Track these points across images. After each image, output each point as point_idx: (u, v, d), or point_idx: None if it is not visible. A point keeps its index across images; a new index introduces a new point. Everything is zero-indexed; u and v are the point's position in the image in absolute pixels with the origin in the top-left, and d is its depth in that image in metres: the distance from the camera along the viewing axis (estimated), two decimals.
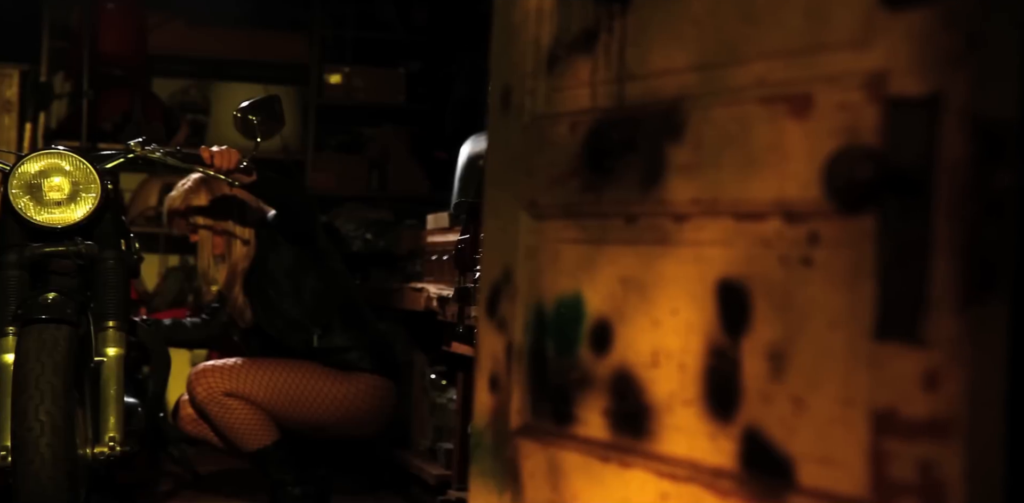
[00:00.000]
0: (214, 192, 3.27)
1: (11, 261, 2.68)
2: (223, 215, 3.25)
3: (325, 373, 3.24)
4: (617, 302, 1.26)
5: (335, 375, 3.25)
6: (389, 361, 3.40)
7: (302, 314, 3.25)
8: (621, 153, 1.25)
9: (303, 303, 3.24)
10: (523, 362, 1.40)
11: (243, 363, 3.20)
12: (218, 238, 3.27)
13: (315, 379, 3.23)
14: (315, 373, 3.23)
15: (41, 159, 2.74)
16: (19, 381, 2.37)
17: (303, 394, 3.22)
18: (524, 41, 1.40)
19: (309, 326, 3.25)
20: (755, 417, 1.06)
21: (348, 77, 5.34)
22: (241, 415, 3.20)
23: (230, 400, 3.19)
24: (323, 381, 3.23)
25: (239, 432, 3.20)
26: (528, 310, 1.39)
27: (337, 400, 3.26)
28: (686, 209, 1.16)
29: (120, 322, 2.70)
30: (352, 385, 3.26)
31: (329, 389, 3.25)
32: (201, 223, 3.24)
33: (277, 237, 3.24)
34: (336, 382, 3.24)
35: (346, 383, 3.25)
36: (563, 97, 1.35)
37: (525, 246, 1.40)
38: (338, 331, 3.28)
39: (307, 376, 3.23)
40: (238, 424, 3.20)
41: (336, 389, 3.25)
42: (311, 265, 3.27)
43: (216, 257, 3.27)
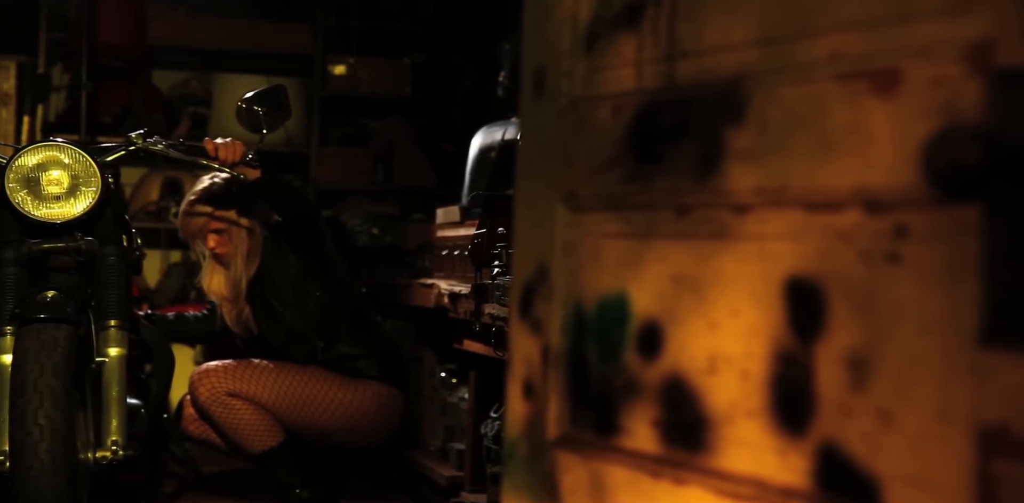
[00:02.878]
0: (223, 200, 3.20)
1: (8, 258, 2.59)
2: (232, 221, 3.19)
3: (331, 378, 3.16)
4: (668, 302, 1.15)
5: (342, 381, 3.16)
6: (397, 369, 3.32)
7: (306, 326, 3.16)
8: (672, 138, 1.14)
9: (307, 314, 3.15)
10: (561, 367, 1.29)
11: (247, 364, 3.11)
12: (224, 244, 3.21)
13: (321, 384, 3.15)
14: (321, 378, 3.15)
15: (39, 152, 2.64)
16: (17, 383, 2.28)
17: (308, 398, 3.13)
18: (559, 18, 1.29)
19: (313, 338, 3.17)
20: (832, 431, 0.95)
21: (353, 68, 5.24)
22: (245, 416, 3.10)
23: (234, 400, 3.10)
24: (329, 386, 3.15)
25: (244, 433, 3.11)
26: (566, 310, 1.28)
27: (343, 406, 3.17)
28: (748, 199, 1.05)
29: (122, 321, 2.61)
30: (359, 392, 3.18)
31: (335, 395, 3.16)
32: (214, 228, 3.18)
33: (283, 246, 3.15)
34: (342, 388, 3.16)
35: (353, 390, 3.16)
36: (604, 78, 1.24)
37: (562, 241, 1.29)
38: (344, 340, 3.21)
39: (313, 380, 3.14)
40: (243, 425, 3.11)
41: (342, 395, 3.17)
42: (316, 275, 3.19)
43: (220, 264, 3.20)
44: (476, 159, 3.68)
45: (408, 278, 4.18)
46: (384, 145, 5.30)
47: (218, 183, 3.21)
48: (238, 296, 3.20)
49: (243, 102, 3.01)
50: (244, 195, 3.03)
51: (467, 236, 3.54)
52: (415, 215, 5.08)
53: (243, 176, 2.96)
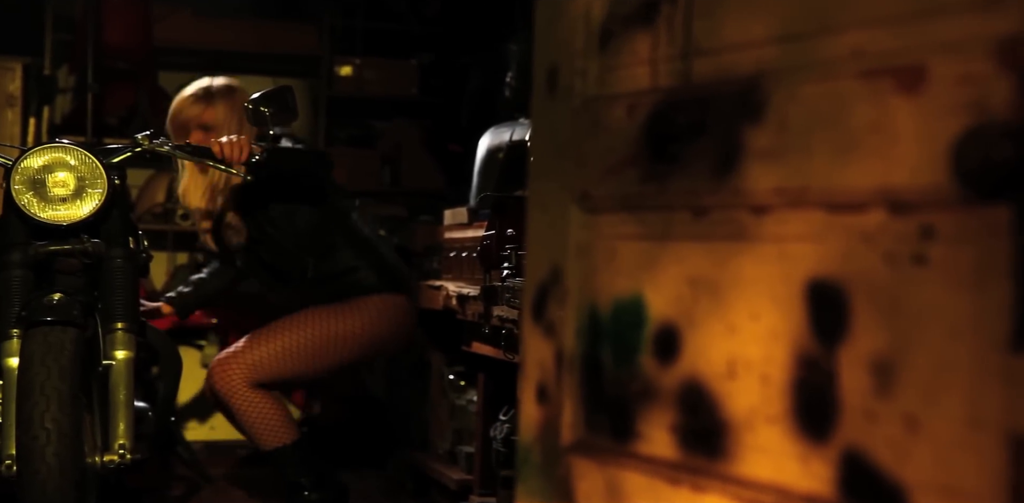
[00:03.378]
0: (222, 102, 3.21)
1: (14, 260, 2.57)
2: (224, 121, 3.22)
3: (333, 315, 3.17)
4: (685, 305, 1.12)
5: (344, 312, 3.18)
6: (397, 276, 3.34)
7: (296, 244, 3.20)
8: (688, 138, 1.12)
9: (297, 232, 3.18)
10: (575, 371, 1.26)
11: (256, 341, 3.11)
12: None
13: (327, 325, 3.16)
14: (325, 320, 3.16)
15: (45, 153, 2.62)
16: (24, 387, 2.26)
17: (324, 345, 3.16)
18: (572, 16, 1.27)
19: (304, 257, 3.20)
20: (856, 438, 0.93)
21: (359, 69, 5.22)
22: (262, 410, 3.11)
23: (253, 394, 3.10)
24: (336, 324, 3.17)
25: (259, 429, 3.10)
26: (580, 313, 1.26)
27: (356, 335, 3.20)
28: (767, 200, 1.03)
29: (129, 323, 2.59)
30: (364, 314, 3.21)
31: (345, 328, 3.18)
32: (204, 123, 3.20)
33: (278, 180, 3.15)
34: (348, 318, 3.19)
35: (357, 314, 3.19)
36: (619, 77, 1.22)
37: (576, 243, 1.27)
38: (341, 251, 3.23)
39: (319, 326, 3.16)
40: (259, 420, 3.11)
41: (351, 325, 3.19)
42: (309, 202, 3.21)
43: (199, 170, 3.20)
44: (484, 160, 3.66)
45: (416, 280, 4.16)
46: (391, 146, 5.29)
47: (222, 85, 3.26)
48: (214, 206, 3.22)
49: (250, 103, 2.99)
50: (245, 104, 3.00)
51: (475, 238, 3.52)
52: (422, 217, 5.06)
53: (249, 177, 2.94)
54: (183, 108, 3.23)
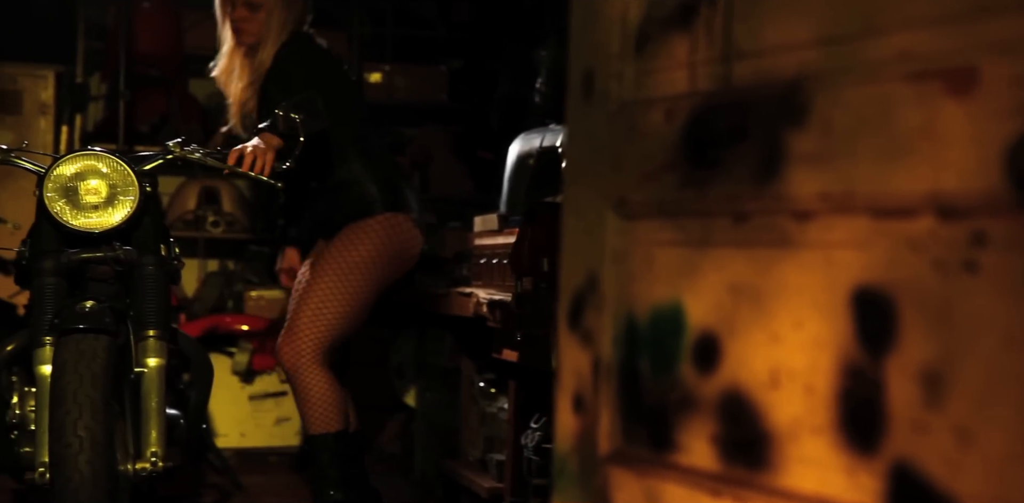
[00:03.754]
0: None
1: (47, 268, 2.57)
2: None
3: (347, 247, 3.21)
4: (725, 313, 1.10)
5: (354, 240, 3.20)
6: (400, 195, 3.36)
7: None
8: (728, 142, 1.09)
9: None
10: (612, 380, 1.24)
11: (305, 309, 3.14)
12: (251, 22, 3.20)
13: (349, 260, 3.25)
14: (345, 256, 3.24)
15: (77, 161, 2.62)
16: (56, 394, 2.26)
17: (357, 281, 3.22)
18: (609, 19, 1.25)
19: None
20: (906, 450, 0.90)
21: (388, 76, 5.22)
22: (323, 392, 3.17)
23: (320, 373, 3.18)
24: (354, 254, 3.25)
25: (314, 409, 3.16)
26: (617, 321, 1.24)
27: (374, 258, 3.22)
28: (811, 205, 1.00)
29: (161, 331, 2.58)
30: (373, 236, 3.28)
31: (363, 256, 3.22)
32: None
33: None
34: (361, 245, 3.22)
35: (367, 238, 3.23)
36: (656, 80, 1.20)
37: (613, 249, 1.25)
38: (351, 163, 3.23)
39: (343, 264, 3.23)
40: (317, 401, 3.16)
41: (367, 250, 3.22)
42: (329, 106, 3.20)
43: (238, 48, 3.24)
44: (514, 166, 3.65)
45: (446, 287, 4.15)
46: (420, 153, 5.28)
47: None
48: (253, 90, 3.23)
49: (280, 109, 2.98)
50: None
51: (506, 244, 3.51)
52: (452, 223, 5.05)
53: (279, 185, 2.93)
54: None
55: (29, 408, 2.54)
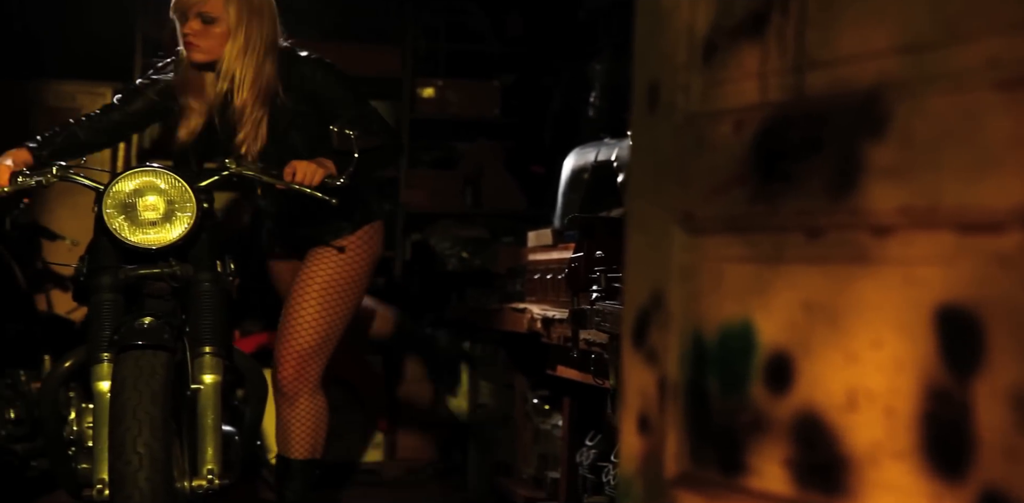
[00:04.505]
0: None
1: (106, 284, 2.58)
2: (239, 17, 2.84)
3: (352, 257, 3.05)
4: (798, 332, 1.06)
5: (357, 247, 3.05)
6: (381, 205, 3.17)
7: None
8: (802, 155, 1.06)
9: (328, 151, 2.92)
10: (679, 400, 1.20)
11: (302, 321, 3.00)
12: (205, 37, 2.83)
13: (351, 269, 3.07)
14: (347, 266, 3.06)
15: (135, 177, 2.63)
16: (116, 411, 2.26)
17: (355, 293, 3.06)
18: (675, 29, 1.22)
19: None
20: (997, 477, 0.85)
21: (441, 90, 5.22)
22: (321, 418, 3.09)
23: (320, 399, 3.08)
24: (357, 264, 3.06)
25: (306, 434, 3.08)
26: (684, 340, 1.20)
27: (369, 268, 3.08)
28: (890, 220, 0.96)
29: (217, 348, 2.58)
30: (372, 243, 3.07)
31: (364, 266, 3.07)
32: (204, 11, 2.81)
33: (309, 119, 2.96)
34: (363, 254, 3.07)
35: (367, 246, 3.07)
36: (724, 92, 1.16)
37: (679, 265, 1.22)
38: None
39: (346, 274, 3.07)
40: (313, 426, 3.09)
41: (367, 259, 3.07)
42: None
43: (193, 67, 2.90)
44: (569, 181, 3.62)
45: (499, 302, 4.12)
46: (473, 168, 5.27)
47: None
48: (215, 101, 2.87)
49: (335, 125, 2.97)
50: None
51: (560, 259, 3.47)
52: (505, 238, 5.03)
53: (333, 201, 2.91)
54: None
55: (87, 425, 2.55)
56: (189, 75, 2.90)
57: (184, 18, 2.83)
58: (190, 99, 2.91)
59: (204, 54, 2.85)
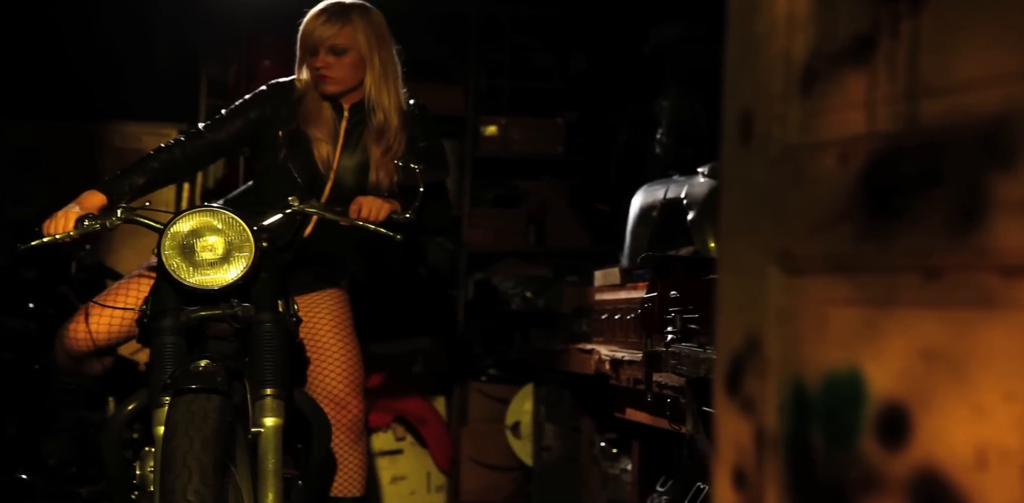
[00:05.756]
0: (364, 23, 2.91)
1: (167, 326, 2.54)
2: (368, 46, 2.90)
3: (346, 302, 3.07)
4: (915, 381, 0.97)
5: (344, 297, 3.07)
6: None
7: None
8: (917, 189, 0.97)
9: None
10: (779, 453, 1.11)
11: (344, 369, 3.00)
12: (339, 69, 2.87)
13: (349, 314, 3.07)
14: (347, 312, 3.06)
15: (193, 217, 2.60)
16: (167, 457, 2.21)
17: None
18: (770, 56, 1.14)
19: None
20: None
21: (504, 128, 5.19)
22: (365, 456, 3.07)
23: (365, 440, 3.06)
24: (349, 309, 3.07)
25: (360, 474, 3.04)
26: (784, 388, 1.12)
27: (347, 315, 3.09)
28: (1021, 260, 0.87)
29: (278, 390, 2.52)
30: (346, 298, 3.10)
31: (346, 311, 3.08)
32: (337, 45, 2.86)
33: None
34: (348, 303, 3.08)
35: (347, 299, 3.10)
36: (826, 122, 1.08)
37: (776, 308, 1.13)
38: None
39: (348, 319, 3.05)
40: (362, 465, 3.06)
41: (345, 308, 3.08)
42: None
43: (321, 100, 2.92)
44: (637, 219, 3.54)
45: (564, 343, 4.04)
46: (536, 206, 5.22)
47: (357, 2, 2.93)
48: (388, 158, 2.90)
49: (400, 160, 2.93)
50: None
51: (629, 299, 3.39)
52: (569, 277, 4.96)
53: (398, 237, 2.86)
54: (315, 28, 2.85)
55: (148, 469, 2.50)
56: (311, 106, 2.92)
57: (315, 52, 2.87)
58: (314, 129, 2.92)
59: (337, 85, 2.90)
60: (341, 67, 2.87)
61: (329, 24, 2.84)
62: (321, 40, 2.84)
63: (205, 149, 2.94)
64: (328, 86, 2.89)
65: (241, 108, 2.96)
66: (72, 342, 2.86)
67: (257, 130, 2.95)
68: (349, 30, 2.85)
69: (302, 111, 2.91)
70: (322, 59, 2.84)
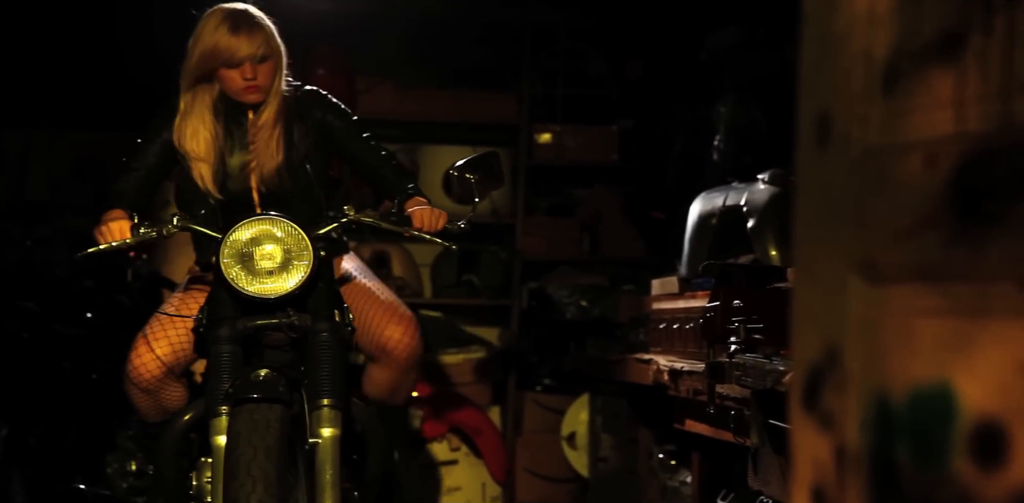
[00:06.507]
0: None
1: (224, 336, 2.53)
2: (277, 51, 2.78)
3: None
4: (1014, 397, 0.91)
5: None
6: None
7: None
8: (1011, 192, 0.92)
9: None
10: (862, 471, 1.06)
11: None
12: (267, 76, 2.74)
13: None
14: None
15: (253, 226, 2.58)
16: (230, 467, 2.19)
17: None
18: (849, 54, 1.09)
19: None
20: None
21: (559, 136, 5.15)
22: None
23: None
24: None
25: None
26: (866, 403, 1.06)
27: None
28: None
29: (335, 400, 2.50)
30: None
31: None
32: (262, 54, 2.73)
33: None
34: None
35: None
36: (911, 122, 1.03)
37: (858, 318, 1.08)
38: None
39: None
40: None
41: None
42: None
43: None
44: (696, 227, 3.48)
45: (621, 353, 3.99)
46: (591, 214, 5.17)
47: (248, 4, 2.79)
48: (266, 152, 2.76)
49: (455, 170, 2.90)
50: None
51: (687, 309, 3.34)
52: (625, 286, 4.90)
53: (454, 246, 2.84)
54: (232, 42, 2.69)
55: (206, 479, 2.48)
56: (204, 118, 2.78)
57: (236, 65, 2.72)
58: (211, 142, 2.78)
59: (263, 93, 2.77)
60: (265, 74, 2.73)
61: (250, 37, 2.70)
62: (246, 55, 2.70)
63: (154, 166, 2.81)
64: (257, 95, 2.76)
65: (155, 127, 2.84)
66: (142, 372, 2.71)
67: (170, 147, 2.81)
68: (267, 37, 2.74)
69: (179, 132, 2.79)
70: (249, 70, 2.71)
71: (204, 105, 2.77)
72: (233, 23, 2.71)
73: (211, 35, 2.71)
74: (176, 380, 2.76)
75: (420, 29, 5.00)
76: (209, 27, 2.73)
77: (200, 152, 2.76)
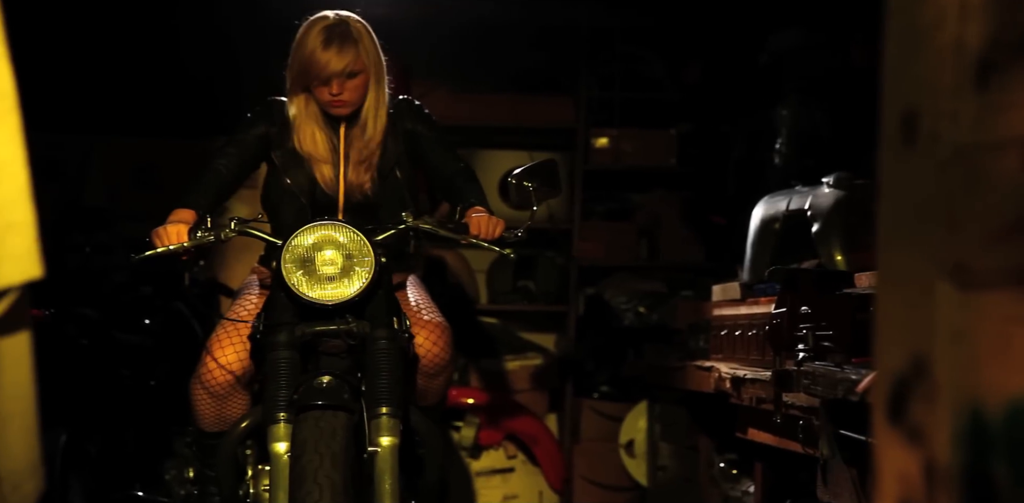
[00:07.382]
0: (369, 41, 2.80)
1: (282, 341, 2.50)
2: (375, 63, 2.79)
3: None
4: None
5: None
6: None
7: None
8: None
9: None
10: (954, 489, 1.00)
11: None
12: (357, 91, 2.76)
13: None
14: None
15: (314, 231, 2.56)
16: (296, 474, 2.17)
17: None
18: (938, 47, 1.04)
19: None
20: None
21: (616, 140, 5.10)
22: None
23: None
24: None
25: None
26: (958, 415, 1.00)
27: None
28: None
29: (394, 408, 2.47)
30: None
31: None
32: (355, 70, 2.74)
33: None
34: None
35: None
36: (1007, 119, 0.97)
37: (948, 326, 1.02)
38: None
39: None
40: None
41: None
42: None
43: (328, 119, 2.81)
44: (758, 232, 3.41)
45: (681, 359, 3.93)
46: (648, 219, 5.11)
47: (350, 17, 2.80)
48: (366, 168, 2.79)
49: (513, 178, 2.87)
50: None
51: (750, 315, 3.27)
52: (683, 292, 4.84)
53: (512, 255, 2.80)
54: (328, 60, 2.70)
55: (263, 486, 2.46)
56: (308, 129, 2.82)
57: (327, 82, 2.74)
58: (313, 151, 2.82)
59: (351, 107, 2.80)
60: (354, 90, 2.75)
61: (342, 54, 2.71)
62: (336, 71, 2.72)
63: (237, 166, 2.84)
64: (343, 109, 2.78)
65: (245, 127, 2.86)
66: (212, 380, 2.68)
67: (262, 147, 2.84)
68: (361, 53, 2.74)
69: (299, 135, 2.81)
70: (336, 87, 2.73)
71: (315, 109, 2.81)
72: (327, 37, 2.73)
73: (306, 48, 2.74)
74: (244, 388, 2.74)
75: (475, 33, 4.97)
76: (307, 39, 2.75)
77: (321, 154, 2.80)
